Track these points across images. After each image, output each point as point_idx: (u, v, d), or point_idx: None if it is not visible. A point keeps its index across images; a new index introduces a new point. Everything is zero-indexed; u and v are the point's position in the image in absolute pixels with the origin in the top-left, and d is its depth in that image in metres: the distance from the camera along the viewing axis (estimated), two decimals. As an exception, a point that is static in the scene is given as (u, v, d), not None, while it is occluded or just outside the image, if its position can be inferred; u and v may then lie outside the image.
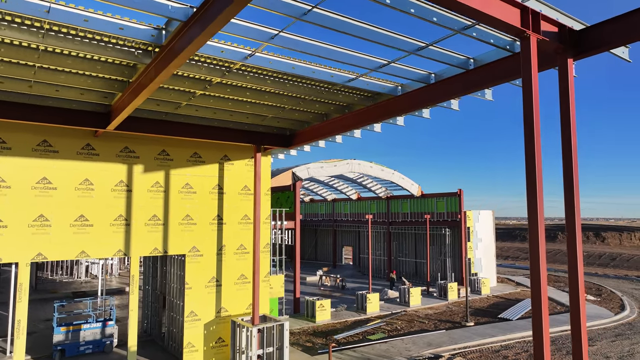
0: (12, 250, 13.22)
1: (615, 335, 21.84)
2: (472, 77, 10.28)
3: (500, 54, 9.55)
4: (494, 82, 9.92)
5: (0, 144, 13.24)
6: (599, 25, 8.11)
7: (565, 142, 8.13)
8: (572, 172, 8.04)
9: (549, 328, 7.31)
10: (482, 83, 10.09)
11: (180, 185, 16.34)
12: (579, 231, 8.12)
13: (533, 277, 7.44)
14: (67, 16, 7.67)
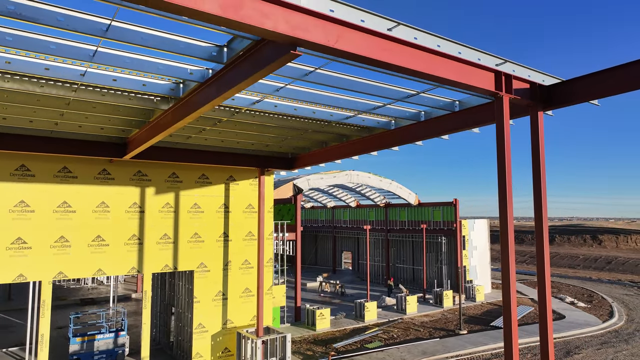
0: (36, 269, 14.33)
1: (600, 343, 22.94)
2: (457, 118, 11.37)
3: (482, 100, 10.65)
4: (477, 125, 11.01)
5: (25, 172, 14.34)
6: (566, 82, 9.22)
7: (536, 179, 9.29)
8: (542, 204, 9.27)
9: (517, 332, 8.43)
10: (467, 125, 11.19)
11: (189, 205, 17.44)
12: (546, 259, 9.24)
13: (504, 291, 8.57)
14: (98, 77, 8.77)
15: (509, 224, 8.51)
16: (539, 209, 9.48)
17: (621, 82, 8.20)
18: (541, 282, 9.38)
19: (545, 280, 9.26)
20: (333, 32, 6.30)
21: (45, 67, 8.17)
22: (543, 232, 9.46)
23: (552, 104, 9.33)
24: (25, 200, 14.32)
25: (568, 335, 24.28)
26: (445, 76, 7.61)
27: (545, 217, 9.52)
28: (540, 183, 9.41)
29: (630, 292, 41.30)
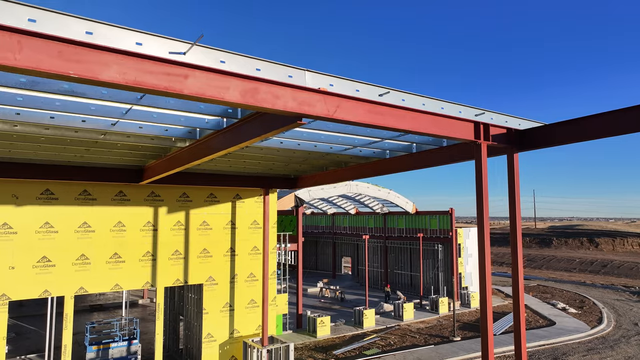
0: (59, 285, 15.57)
1: (587, 349, 24.15)
2: (445, 152, 12.60)
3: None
4: (462, 159, 12.23)
5: (49, 196, 15.58)
6: (538, 128, 10.45)
7: (512, 211, 10.55)
8: (517, 234, 10.53)
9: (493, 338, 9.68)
10: (453, 159, 12.41)
11: (198, 222, 18.67)
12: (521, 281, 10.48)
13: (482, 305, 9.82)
14: (127, 126, 9.98)
15: (486, 251, 9.73)
16: (514, 237, 10.72)
17: (580, 132, 9.44)
18: (516, 304, 10.62)
19: (519, 302, 10.50)
20: (332, 104, 7.53)
21: (82, 120, 9.39)
22: (518, 259, 10.68)
23: (526, 147, 10.58)
24: (49, 222, 15.56)
25: (557, 341, 25.49)
26: (429, 131, 8.84)
27: (519, 244, 10.76)
28: (516, 214, 10.68)
29: (622, 297, 42.47)
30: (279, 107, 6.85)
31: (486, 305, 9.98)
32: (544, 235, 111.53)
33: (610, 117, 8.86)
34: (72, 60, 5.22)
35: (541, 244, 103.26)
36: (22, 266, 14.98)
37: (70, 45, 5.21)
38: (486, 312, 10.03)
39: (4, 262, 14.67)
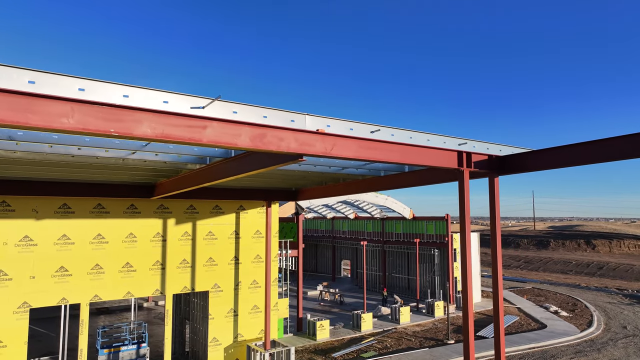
0: (76, 293, 16.67)
1: (575, 352, 25.24)
2: (435, 172, 13.69)
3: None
4: (450, 180, 13.32)
5: (66, 210, 16.68)
6: (515, 155, 11.55)
7: (492, 229, 11.63)
8: (497, 248, 11.58)
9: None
10: (442, 178, 13.50)
11: (204, 233, 19.77)
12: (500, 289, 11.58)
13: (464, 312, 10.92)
14: (144, 155, 11.08)
15: (468, 263, 10.83)
16: (494, 252, 11.80)
17: (552, 161, 10.54)
18: (496, 314, 11.71)
19: (499, 312, 11.59)
20: (329, 142, 8.62)
21: (106, 150, 10.48)
22: (498, 274, 11.77)
23: (505, 172, 11.67)
24: (67, 234, 16.66)
25: (546, 344, 26.58)
26: (417, 162, 9.93)
27: (499, 260, 11.85)
28: (496, 231, 11.77)
29: (614, 300, 43.55)
30: (283, 148, 7.94)
31: (467, 313, 11.07)
32: (542, 237, 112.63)
33: (569, 150, 9.98)
34: (112, 120, 6.32)
35: (539, 246, 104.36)
36: (41, 276, 16.08)
37: (111, 108, 6.31)
38: (467, 320, 11.13)
39: (25, 272, 15.77)
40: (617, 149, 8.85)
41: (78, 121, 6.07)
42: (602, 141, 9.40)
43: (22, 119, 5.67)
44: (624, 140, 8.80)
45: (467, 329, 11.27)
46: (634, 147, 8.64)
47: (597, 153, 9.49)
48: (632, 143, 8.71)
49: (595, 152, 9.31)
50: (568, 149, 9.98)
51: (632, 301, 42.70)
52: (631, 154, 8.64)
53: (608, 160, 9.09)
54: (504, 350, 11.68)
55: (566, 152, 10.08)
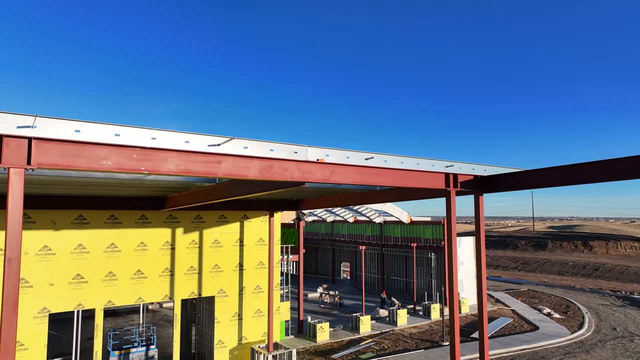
0: (91, 299, 17.78)
1: (564, 353, 26.35)
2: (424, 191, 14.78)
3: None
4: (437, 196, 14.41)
5: (82, 221, 17.79)
6: (497, 176, 12.64)
7: (477, 244, 12.73)
8: (481, 261, 12.71)
9: None
10: (433, 195, 14.60)
11: (210, 241, 20.87)
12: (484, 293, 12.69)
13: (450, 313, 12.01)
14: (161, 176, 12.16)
15: (454, 272, 11.93)
16: (479, 264, 12.90)
17: (531, 181, 11.64)
18: (480, 321, 12.83)
19: (483, 319, 12.70)
20: (328, 170, 9.72)
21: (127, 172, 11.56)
22: (482, 281, 12.87)
23: (490, 190, 12.77)
24: (82, 244, 17.77)
25: (537, 346, 27.69)
26: (407, 185, 11.02)
27: (484, 271, 12.95)
28: (480, 244, 12.86)
29: (608, 301, 44.65)
30: (287, 177, 9.04)
31: (454, 319, 12.17)
32: (540, 238, 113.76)
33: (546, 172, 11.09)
34: (143, 160, 7.43)
35: (536, 247, 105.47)
36: (59, 283, 17.19)
37: (142, 150, 7.41)
38: (454, 324, 12.24)
39: (45, 279, 16.88)
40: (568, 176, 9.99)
41: (115, 162, 7.17)
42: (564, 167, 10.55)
43: (71, 163, 6.78)
44: (587, 166, 9.92)
45: (453, 332, 12.39)
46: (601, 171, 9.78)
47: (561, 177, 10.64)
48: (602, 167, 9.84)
49: (559, 176, 10.44)
50: (542, 172, 11.09)
51: (624, 303, 43.79)
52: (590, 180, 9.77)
53: (570, 184, 10.23)
54: (488, 353, 12.78)
55: (541, 174, 11.19)
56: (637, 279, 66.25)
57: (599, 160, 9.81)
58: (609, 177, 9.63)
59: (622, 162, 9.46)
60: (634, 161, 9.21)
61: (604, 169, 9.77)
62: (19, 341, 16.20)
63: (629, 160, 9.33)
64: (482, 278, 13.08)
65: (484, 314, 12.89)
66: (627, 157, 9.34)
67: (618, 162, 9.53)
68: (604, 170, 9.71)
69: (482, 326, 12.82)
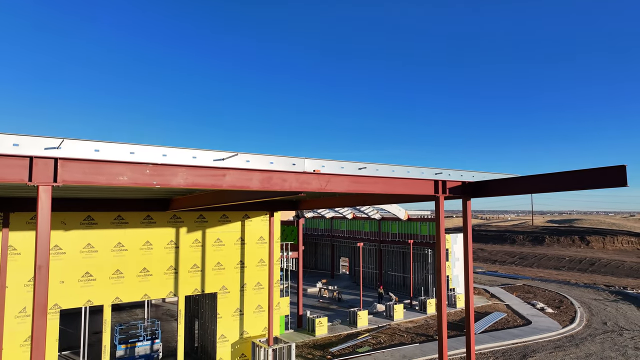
0: (99, 295, 18.65)
1: (554, 347, 27.28)
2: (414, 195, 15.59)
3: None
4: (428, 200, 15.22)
5: (90, 221, 18.61)
6: (486, 182, 13.44)
7: (465, 242, 13.56)
8: (468, 261, 13.56)
9: None
10: (422, 199, 15.41)
11: (213, 240, 21.71)
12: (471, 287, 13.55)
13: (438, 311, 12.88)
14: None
15: (442, 272, 12.79)
16: (466, 264, 13.74)
17: (521, 186, 12.43)
18: (467, 317, 13.68)
19: (470, 316, 13.56)
20: (324, 180, 10.51)
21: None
22: (470, 283, 13.71)
23: (477, 195, 13.57)
24: (91, 243, 18.61)
25: (529, 340, 28.63)
26: (398, 192, 11.83)
27: (470, 271, 13.79)
28: (468, 246, 13.69)
29: (601, 296, 45.61)
30: (286, 188, 9.84)
31: (441, 316, 13.02)
32: (537, 233, 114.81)
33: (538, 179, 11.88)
34: (155, 175, 8.22)
35: (534, 242, 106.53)
36: (69, 280, 18.04)
37: (154, 166, 8.21)
38: (441, 319, 13.08)
39: (56, 277, 17.73)
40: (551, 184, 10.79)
41: (130, 177, 7.97)
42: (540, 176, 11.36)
43: (92, 179, 7.58)
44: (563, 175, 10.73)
45: (441, 326, 13.24)
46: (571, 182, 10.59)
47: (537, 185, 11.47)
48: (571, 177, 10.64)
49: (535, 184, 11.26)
50: (522, 180, 11.89)
51: (617, 298, 44.75)
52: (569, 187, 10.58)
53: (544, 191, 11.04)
54: (474, 347, 13.65)
55: (521, 182, 12.00)
56: (632, 274, 67.29)
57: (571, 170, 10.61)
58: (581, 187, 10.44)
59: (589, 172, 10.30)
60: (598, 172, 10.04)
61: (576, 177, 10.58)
62: (32, 336, 17.08)
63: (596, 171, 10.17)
64: (469, 276, 13.92)
65: (470, 311, 13.74)
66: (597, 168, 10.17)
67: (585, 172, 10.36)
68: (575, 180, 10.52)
69: (469, 322, 13.67)
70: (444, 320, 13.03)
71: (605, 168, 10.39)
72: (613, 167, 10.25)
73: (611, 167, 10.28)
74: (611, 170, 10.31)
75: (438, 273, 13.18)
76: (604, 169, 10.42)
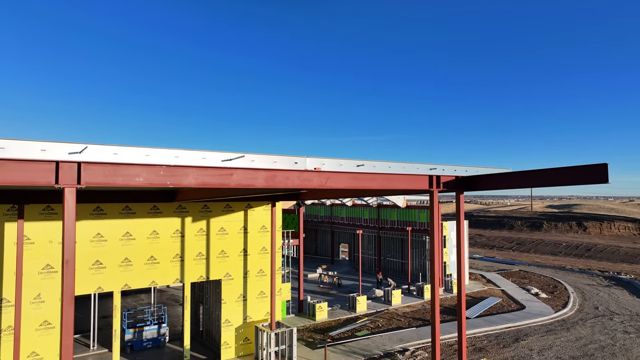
0: (109, 282, 19.50)
1: (546, 331, 28.30)
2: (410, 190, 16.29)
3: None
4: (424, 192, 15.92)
5: (99, 212, 19.35)
6: (477, 177, 14.12)
7: (458, 233, 14.30)
8: (461, 250, 14.36)
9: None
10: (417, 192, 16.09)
11: (217, 229, 22.48)
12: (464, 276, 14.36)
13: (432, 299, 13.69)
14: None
15: (436, 263, 13.58)
16: (459, 253, 14.51)
17: (509, 182, 13.13)
18: (459, 304, 14.51)
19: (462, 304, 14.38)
20: (324, 177, 11.20)
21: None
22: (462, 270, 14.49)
23: (470, 189, 14.27)
24: (100, 233, 19.38)
25: (522, 324, 29.65)
26: (395, 187, 12.52)
27: (462, 259, 14.55)
28: (460, 236, 14.43)
29: (594, 281, 46.67)
30: (289, 185, 10.53)
31: (434, 302, 13.84)
32: (535, 218, 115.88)
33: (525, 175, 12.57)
34: (168, 176, 8.91)
35: (532, 228, 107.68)
36: (81, 268, 18.85)
37: (168, 167, 8.89)
38: (434, 306, 13.91)
39: (68, 265, 18.53)
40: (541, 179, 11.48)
41: (146, 178, 8.66)
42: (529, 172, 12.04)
43: (111, 181, 8.27)
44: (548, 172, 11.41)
45: (434, 312, 14.05)
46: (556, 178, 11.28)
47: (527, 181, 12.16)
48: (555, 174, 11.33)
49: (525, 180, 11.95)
50: (511, 175, 12.58)
51: (610, 283, 45.81)
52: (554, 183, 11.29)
53: (533, 186, 11.71)
54: (465, 331, 14.51)
55: (510, 177, 12.69)
56: (627, 259, 68.42)
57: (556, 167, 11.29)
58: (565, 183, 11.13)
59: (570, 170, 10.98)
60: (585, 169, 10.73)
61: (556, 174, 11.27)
62: (47, 321, 17.99)
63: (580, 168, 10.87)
64: (461, 266, 14.71)
65: (462, 299, 14.54)
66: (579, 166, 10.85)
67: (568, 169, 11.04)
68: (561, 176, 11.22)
69: (460, 308, 14.50)
70: (437, 306, 13.84)
71: (590, 166, 11.06)
72: (596, 165, 10.93)
73: (595, 165, 10.96)
74: (595, 168, 10.98)
75: (432, 261, 13.95)
76: (589, 167, 11.08)
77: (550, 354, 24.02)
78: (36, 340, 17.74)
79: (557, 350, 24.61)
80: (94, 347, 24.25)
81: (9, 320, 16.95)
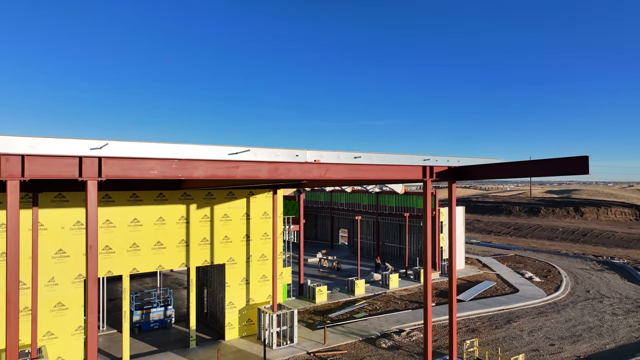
0: (118, 267, 20.43)
1: (537, 313, 29.41)
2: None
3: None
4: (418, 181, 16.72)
5: (108, 199, 20.18)
6: (468, 167, 14.90)
7: (450, 221, 15.16)
8: (452, 237, 15.24)
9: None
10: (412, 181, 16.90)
11: (220, 215, 23.35)
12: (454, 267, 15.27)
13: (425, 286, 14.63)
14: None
15: (428, 252, 14.47)
16: (450, 241, 15.38)
17: (498, 172, 13.92)
18: (450, 289, 15.43)
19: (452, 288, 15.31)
20: (324, 169, 11.98)
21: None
22: (453, 256, 15.38)
23: (462, 178, 15.07)
24: (109, 219, 20.24)
25: (515, 306, 30.75)
26: (391, 177, 13.30)
27: (454, 246, 15.44)
28: (452, 225, 15.29)
29: (588, 266, 47.80)
30: (290, 176, 11.32)
31: (427, 286, 14.76)
32: (533, 204, 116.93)
33: (512, 166, 13.35)
34: (180, 169, 9.69)
35: (529, 213, 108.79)
36: (91, 253, 19.75)
37: (180, 161, 9.67)
38: (427, 291, 14.83)
39: (80, 250, 19.45)
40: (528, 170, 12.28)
41: (159, 171, 9.45)
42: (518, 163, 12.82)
43: (129, 174, 9.06)
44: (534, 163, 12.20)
45: (426, 295, 14.98)
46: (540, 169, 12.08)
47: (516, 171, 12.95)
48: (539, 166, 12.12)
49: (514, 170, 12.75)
50: (499, 166, 13.37)
51: (603, 267, 46.94)
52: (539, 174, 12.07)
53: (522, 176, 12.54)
54: (455, 313, 15.46)
55: (498, 168, 13.48)
56: (621, 244, 69.60)
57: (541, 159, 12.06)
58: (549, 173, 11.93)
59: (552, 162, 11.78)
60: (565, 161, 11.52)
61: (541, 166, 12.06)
62: (61, 302, 18.97)
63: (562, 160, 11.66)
64: (453, 249, 15.59)
65: (453, 285, 15.46)
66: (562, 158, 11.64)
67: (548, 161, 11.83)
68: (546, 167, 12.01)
69: (452, 291, 15.43)
70: (429, 290, 14.76)
71: (572, 158, 11.84)
72: (578, 158, 11.72)
73: (576, 158, 11.74)
74: (576, 160, 11.77)
75: (424, 247, 14.79)
76: (571, 159, 11.88)
77: (540, 335, 25.12)
78: (51, 320, 18.74)
79: (546, 331, 25.71)
80: (104, 328, 25.35)
81: (26, 301, 17.91)
